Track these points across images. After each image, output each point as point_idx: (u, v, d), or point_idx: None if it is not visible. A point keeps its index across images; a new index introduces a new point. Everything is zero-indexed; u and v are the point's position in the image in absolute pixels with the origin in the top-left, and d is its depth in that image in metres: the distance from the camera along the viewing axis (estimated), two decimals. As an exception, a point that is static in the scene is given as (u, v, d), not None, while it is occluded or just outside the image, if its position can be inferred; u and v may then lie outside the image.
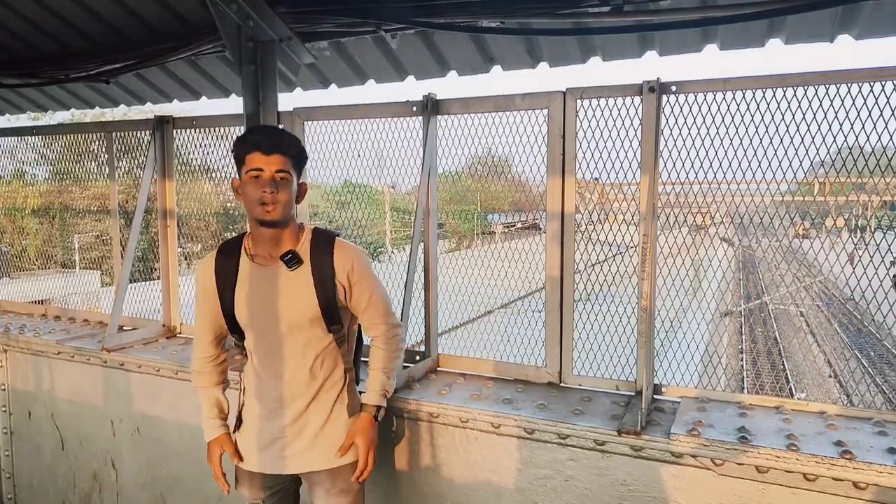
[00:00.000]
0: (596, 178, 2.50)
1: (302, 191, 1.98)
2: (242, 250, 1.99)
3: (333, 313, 1.99)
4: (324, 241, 2.00)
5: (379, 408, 2.05)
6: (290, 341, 1.96)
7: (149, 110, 4.31)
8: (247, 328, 1.99)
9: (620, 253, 2.51)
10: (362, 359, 2.24)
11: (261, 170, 1.82)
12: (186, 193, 3.39)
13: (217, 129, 3.23)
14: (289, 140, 1.88)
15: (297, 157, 1.90)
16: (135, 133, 3.50)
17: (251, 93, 2.73)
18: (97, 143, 3.64)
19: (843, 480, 1.75)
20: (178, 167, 3.33)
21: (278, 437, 2.01)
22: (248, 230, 2.02)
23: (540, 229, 2.86)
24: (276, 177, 1.83)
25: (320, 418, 2.00)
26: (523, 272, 2.62)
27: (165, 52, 3.07)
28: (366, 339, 2.22)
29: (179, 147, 3.31)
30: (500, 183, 2.82)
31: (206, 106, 4.04)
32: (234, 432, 2.12)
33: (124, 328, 3.35)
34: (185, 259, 4.12)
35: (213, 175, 3.38)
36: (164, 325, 3.35)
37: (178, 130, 3.27)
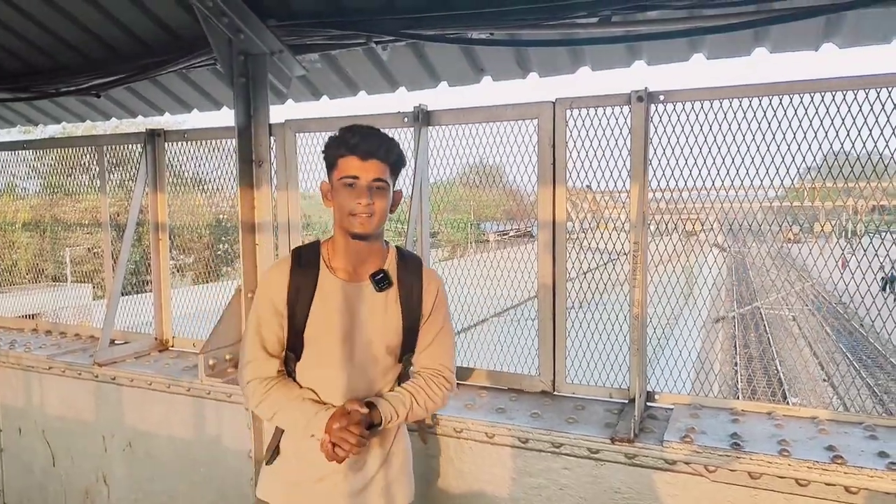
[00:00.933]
0: (587, 187, 2.52)
1: (396, 199, 1.77)
2: (321, 261, 1.77)
3: (412, 343, 1.81)
4: (412, 263, 1.82)
5: (379, 420, 1.70)
6: (364, 368, 1.75)
7: (140, 123, 4.30)
8: (314, 349, 1.74)
9: (612, 260, 2.53)
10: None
11: (356, 177, 1.63)
12: (178, 206, 3.39)
13: (209, 141, 3.23)
14: (388, 144, 1.69)
15: (396, 163, 1.72)
16: (126, 146, 3.50)
17: (243, 105, 2.74)
18: (88, 156, 3.64)
19: (834, 485, 1.77)
20: (169, 179, 3.33)
21: (329, 473, 1.74)
22: (326, 237, 1.83)
23: (533, 237, 2.88)
24: (372, 185, 1.64)
25: (378, 458, 1.80)
26: (517, 280, 2.63)
27: (157, 66, 3.08)
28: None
29: (171, 160, 3.32)
30: (492, 192, 2.83)
31: (197, 118, 4.05)
32: (266, 463, 1.85)
33: (116, 342, 3.33)
34: (178, 271, 4.10)
35: (205, 187, 3.38)
36: (156, 339, 3.33)
37: (170, 143, 3.27)
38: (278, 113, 2.89)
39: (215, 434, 2.80)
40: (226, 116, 3.67)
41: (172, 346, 3.36)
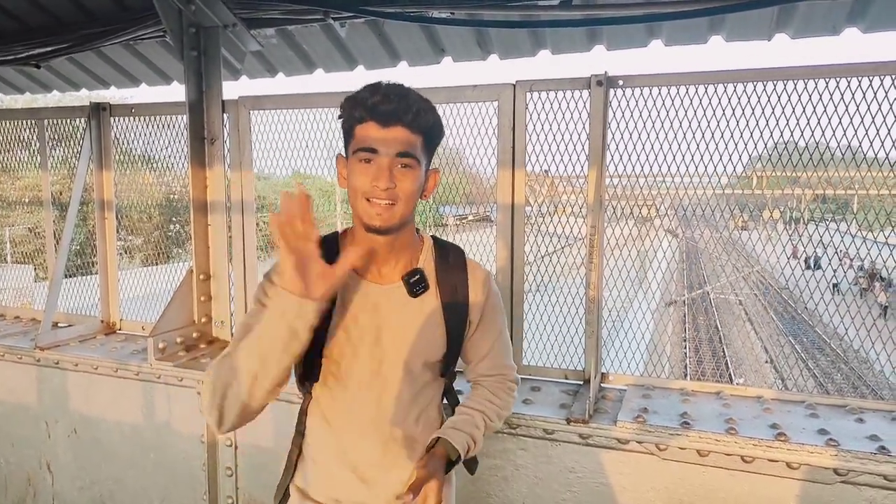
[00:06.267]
0: (546, 171, 2.52)
1: (431, 183, 1.38)
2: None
3: (455, 356, 1.50)
4: (454, 257, 1.48)
5: (458, 457, 1.39)
6: (397, 390, 1.41)
7: (84, 97, 4.10)
8: (338, 367, 1.40)
9: (569, 244, 2.55)
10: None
11: (374, 151, 1.25)
12: (126, 184, 3.25)
13: (158, 117, 3.10)
14: (420, 106, 1.28)
15: (431, 133, 1.32)
16: (70, 121, 3.33)
17: (194, 80, 2.64)
18: (28, 130, 3.45)
19: (777, 461, 1.84)
20: (117, 157, 3.18)
21: None
22: (347, 227, 1.48)
23: (491, 222, 2.87)
24: (395, 163, 1.26)
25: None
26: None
27: (101, 36, 2.93)
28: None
29: (118, 136, 3.17)
30: (452, 175, 2.81)
31: (145, 93, 3.88)
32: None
33: (59, 325, 3.20)
34: (127, 252, 3.95)
35: (155, 165, 3.25)
36: (102, 322, 3.21)
37: (116, 118, 3.13)
38: (232, 89, 2.79)
39: (165, 419, 2.72)
40: (176, 91, 3.53)
41: (120, 329, 3.24)
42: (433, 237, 1.51)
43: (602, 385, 2.35)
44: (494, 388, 1.55)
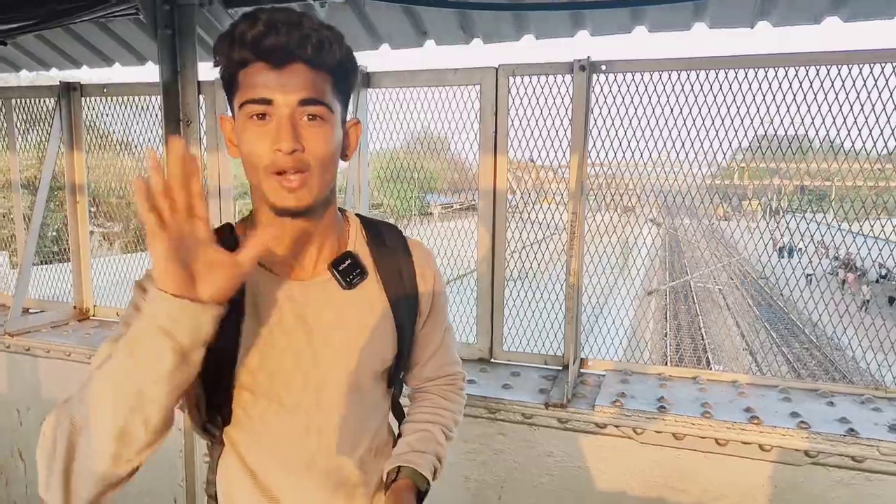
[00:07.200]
0: (530, 160, 2.51)
1: (353, 136, 1.07)
2: None
3: (406, 359, 1.23)
4: (391, 238, 1.19)
5: (426, 484, 1.12)
6: (342, 415, 1.09)
7: (57, 77, 3.99)
8: (258, 398, 1.05)
9: (552, 234, 2.55)
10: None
11: (268, 102, 0.92)
12: (104, 169, 3.18)
13: (137, 101, 3.03)
14: (321, 34, 0.94)
15: (341, 68, 0.98)
16: (41, 101, 3.23)
17: (168, 60, 2.57)
18: (-2, 110, 3.35)
19: (750, 444, 1.86)
20: (95, 140, 3.10)
21: None
22: (243, 217, 1.13)
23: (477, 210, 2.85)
24: (298, 115, 0.94)
25: None
26: (460, 252, 2.62)
27: (70, 13, 2.83)
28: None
29: (93, 118, 3.09)
30: (436, 161, 2.79)
31: (120, 74, 3.79)
32: None
33: (31, 311, 3.13)
34: (106, 239, 3.87)
35: (133, 149, 3.18)
36: (74, 307, 3.14)
37: (88, 99, 3.05)
38: (209, 71, 2.71)
39: (141, 406, 2.68)
40: (151, 72, 3.45)
41: (94, 316, 3.18)
42: (359, 215, 1.20)
43: (581, 370, 2.36)
44: (444, 392, 1.29)
